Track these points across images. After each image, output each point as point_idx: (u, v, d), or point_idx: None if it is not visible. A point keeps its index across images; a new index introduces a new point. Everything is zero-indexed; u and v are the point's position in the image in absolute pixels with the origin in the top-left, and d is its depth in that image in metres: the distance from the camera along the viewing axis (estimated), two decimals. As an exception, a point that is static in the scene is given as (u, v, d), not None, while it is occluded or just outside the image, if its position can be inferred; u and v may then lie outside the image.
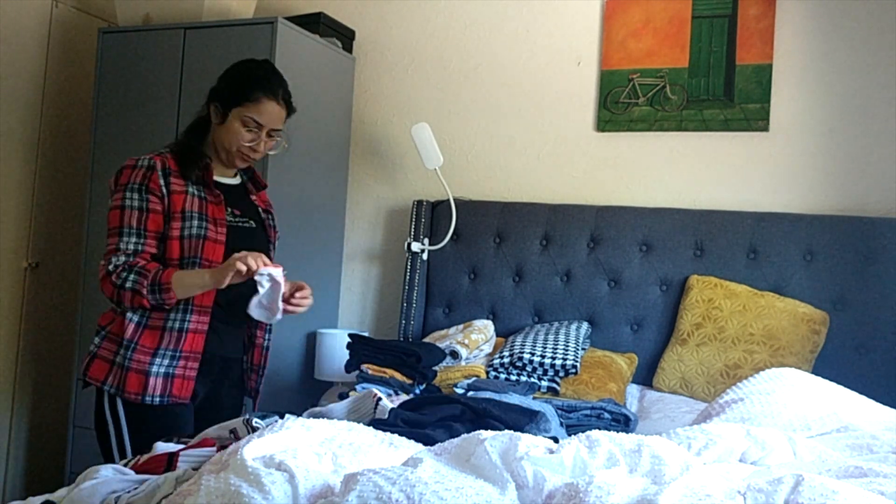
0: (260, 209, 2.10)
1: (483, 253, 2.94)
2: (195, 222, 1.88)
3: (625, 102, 2.93)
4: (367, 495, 1.00)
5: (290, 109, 2.00)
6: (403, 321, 2.98)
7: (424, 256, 3.01)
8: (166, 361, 1.86)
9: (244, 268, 1.72)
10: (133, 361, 1.84)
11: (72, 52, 3.30)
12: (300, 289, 1.91)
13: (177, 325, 1.87)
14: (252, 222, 2.03)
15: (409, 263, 3.01)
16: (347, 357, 2.36)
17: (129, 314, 1.86)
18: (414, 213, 3.05)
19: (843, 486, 1.06)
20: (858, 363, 2.46)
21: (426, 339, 2.70)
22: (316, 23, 3.07)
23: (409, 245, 2.98)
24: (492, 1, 3.15)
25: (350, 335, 2.41)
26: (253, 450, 1.16)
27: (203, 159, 1.95)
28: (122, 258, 1.82)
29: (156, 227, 1.86)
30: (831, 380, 2.00)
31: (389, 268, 3.28)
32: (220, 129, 1.95)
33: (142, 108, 2.96)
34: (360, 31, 3.33)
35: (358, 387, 2.19)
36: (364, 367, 2.28)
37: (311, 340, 3.06)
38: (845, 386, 1.97)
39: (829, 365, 2.42)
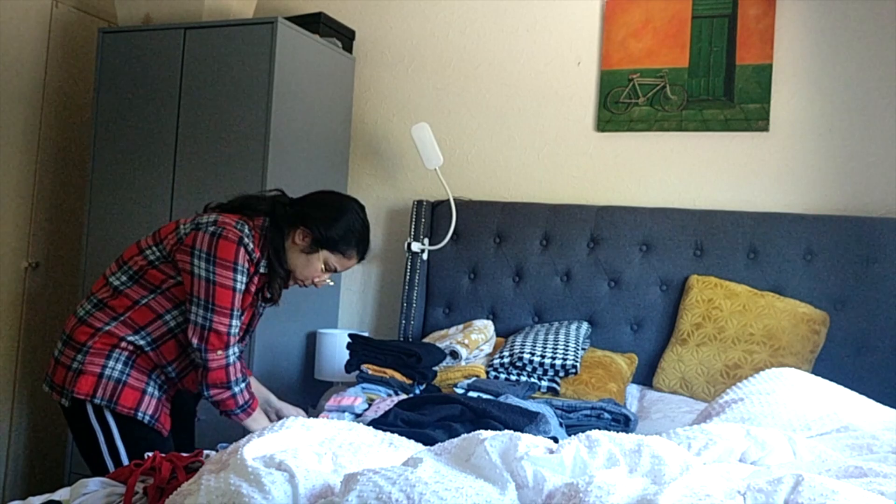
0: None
1: (483, 253, 2.94)
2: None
3: (625, 102, 2.93)
4: (367, 495, 1.00)
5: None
6: (403, 321, 2.98)
7: (424, 256, 3.01)
8: (158, 391, 1.94)
9: None
10: (131, 378, 1.88)
11: (72, 52, 3.30)
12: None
13: (173, 374, 1.96)
14: (263, 306, 2.10)
15: (409, 263, 3.01)
16: (347, 357, 2.36)
17: (140, 335, 1.90)
18: (414, 213, 3.05)
19: (843, 486, 1.06)
20: (858, 363, 2.46)
21: (426, 339, 2.70)
22: (316, 23, 3.07)
23: (409, 245, 2.98)
24: (492, 1, 3.15)
25: (350, 335, 2.41)
26: (253, 449, 1.16)
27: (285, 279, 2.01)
28: (236, 349, 1.89)
29: None
30: (831, 380, 2.00)
31: (389, 268, 3.28)
32: (299, 255, 1.98)
33: (142, 108, 2.96)
34: (360, 31, 3.33)
35: (358, 387, 2.19)
36: (364, 367, 2.28)
37: (311, 340, 3.06)
38: (845, 386, 1.97)
39: (829, 365, 2.42)
